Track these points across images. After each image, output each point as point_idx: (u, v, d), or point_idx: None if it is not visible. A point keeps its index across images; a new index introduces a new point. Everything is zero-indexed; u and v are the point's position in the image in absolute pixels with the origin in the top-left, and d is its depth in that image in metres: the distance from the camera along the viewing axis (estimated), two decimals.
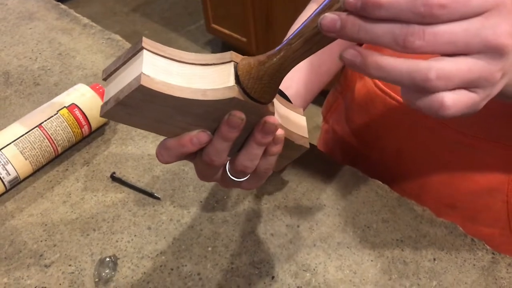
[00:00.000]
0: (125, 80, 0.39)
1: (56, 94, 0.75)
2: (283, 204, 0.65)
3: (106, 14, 2.98)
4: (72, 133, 0.73)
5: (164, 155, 0.44)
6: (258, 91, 0.40)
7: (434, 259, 0.59)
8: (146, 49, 0.39)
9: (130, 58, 0.40)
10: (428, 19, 0.33)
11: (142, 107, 0.40)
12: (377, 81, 0.68)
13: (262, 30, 2.25)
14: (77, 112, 0.73)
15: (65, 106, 0.72)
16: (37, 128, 0.70)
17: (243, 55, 0.42)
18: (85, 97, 0.74)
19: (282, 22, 2.13)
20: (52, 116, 0.71)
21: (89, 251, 0.62)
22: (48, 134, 0.70)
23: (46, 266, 0.61)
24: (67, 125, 0.72)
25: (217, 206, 0.65)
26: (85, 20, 1.01)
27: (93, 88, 0.75)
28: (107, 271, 0.59)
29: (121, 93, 0.39)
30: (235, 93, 0.40)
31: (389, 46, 0.34)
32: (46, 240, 0.63)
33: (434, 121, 0.63)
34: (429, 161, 0.67)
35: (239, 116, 0.41)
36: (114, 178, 0.70)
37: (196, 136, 0.43)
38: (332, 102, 0.85)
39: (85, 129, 0.74)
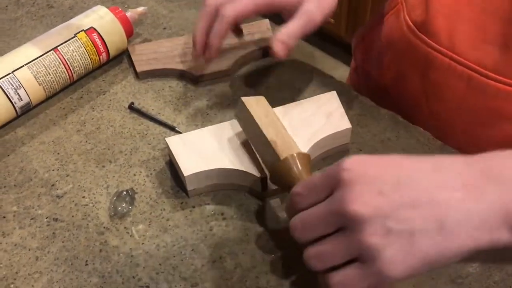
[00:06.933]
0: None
1: (71, 18, 0.69)
2: None
3: None
4: (89, 59, 0.67)
5: None
6: None
7: None
8: None
9: None
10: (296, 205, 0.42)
11: None
12: (409, 22, 0.64)
13: None
14: (96, 37, 0.67)
15: (83, 30, 0.67)
16: (52, 51, 0.64)
17: None
18: (103, 20, 0.68)
19: None
20: (69, 40, 0.66)
21: (105, 184, 0.57)
22: (64, 58, 0.65)
23: (58, 196, 0.56)
24: (84, 50, 0.66)
25: None
26: None
27: (112, 11, 0.69)
28: (124, 205, 0.55)
29: None
30: None
31: None
32: (58, 170, 0.59)
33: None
34: (453, 106, 0.63)
35: None
36: (132, 108, 0.65)
37: None
38: (360, 39, 0.82)
39: (103, 56, 0.69)
